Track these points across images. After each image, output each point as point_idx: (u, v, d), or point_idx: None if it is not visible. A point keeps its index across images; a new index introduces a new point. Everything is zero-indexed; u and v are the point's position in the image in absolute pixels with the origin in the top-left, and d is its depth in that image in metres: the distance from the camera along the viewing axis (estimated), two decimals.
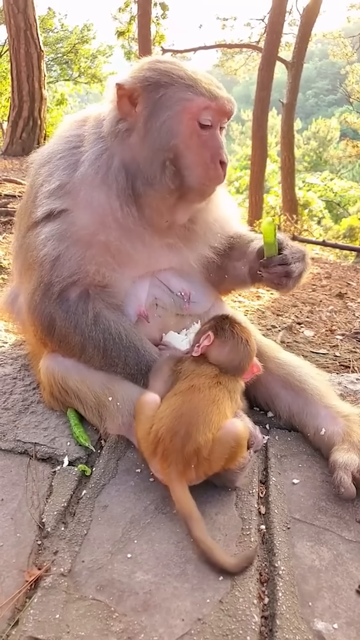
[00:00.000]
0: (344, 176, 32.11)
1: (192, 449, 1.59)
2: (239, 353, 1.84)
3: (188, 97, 1.75)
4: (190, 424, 1.62)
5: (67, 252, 1.86)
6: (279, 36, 16.89)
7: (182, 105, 1.76)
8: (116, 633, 1.30)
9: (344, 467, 1.73)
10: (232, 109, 1.85)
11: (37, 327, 2.01)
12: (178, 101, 1.76)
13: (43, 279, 1.91)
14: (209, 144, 1.81)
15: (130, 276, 2.00)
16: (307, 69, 36.81)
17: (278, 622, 1.34)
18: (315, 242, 10.51)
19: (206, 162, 1.81)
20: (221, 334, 1.86)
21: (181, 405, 1.68)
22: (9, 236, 5.09)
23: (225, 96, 1.82)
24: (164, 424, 1.64)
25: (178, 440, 1.60)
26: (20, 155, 11.95)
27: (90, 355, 1.95)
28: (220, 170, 1.83)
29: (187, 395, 1.71)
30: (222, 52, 23.87)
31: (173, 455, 1.60)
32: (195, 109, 1.76)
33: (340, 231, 23.21)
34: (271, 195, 23.05)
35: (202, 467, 1.62)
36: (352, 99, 25.41)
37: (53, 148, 1.97)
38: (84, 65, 23.52)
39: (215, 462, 1.63)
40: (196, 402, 1.68)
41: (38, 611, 1.35)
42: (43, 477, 1.82)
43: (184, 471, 1.60)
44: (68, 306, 1.92)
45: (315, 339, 3.39)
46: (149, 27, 18.19)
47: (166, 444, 1.61)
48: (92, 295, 1.93)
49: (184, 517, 1.53)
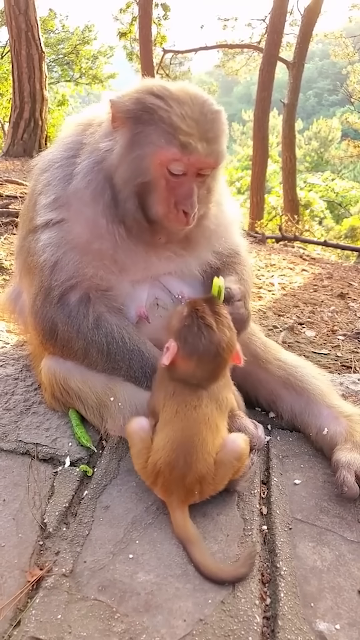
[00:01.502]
0: (345, 176, 32.12)
1: (194, 479, 1.56)
2: (210, 364, 1.64)
3: (160, 144, 1.67)
4: (188, 453, 1.56)
5: (65, 257, 1.89)
6: (280, 36, 16.90)
7: (153, 150, 1.69)
8: (118, 633, 1.29)
9: (347, 467, 1.73)
10: (211, 163, 1.75)
11: (39, 333, 2.02)
12: (150, 144, 1.69)
13: (43, 284, 1.93)
14: (176, 191, 1.75)
15: (130, 280, 2.00)
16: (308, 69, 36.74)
17: (280, 623, 1.33)
18: (316, 243, 10.49)
19: (169, 206, 1.77)
20: (184, 345, 1.63)
21: (174, 436, 1.59)
22: (10, 237, 5.09)
23: (204, 151, 1.69)
24: (161, 456, 1.59)
25: (178, 472, 1.56)
26: (21, 156, 11.97)
27: (93, 359, 1.95)
28: (182, 217, 1.77)
29: (176, 424, 1.62)
30: (223, 53, 23.85)
31: (174, 486, 1.57)
32: (164, 159, 1.69)
33: (342, 231, 23.19)
34: (272, 196, 23.03)
35: (206, 491, 1.61)
36: (354, 99, 25.37)
37: (53, 155, 1.99)
38: (85, 66, 23.57)
39: (220, 483, 1.62)
40: (187, 430, 1.59)
41: (40, 611, 1.34)
42: (45, 477, 1.82)
43: (186, 499, 1.58)
44: (69, 310, 1.92)
45: (316, 340, 3.39)
46: (150, 28, 18.24)
47: (166, 476, 1.58)
48: (92, 299, 1.94)
49: (183, 541, 1.52)
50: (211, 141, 1.72)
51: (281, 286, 4.86)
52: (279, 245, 8.89)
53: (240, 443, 1.63)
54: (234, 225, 2.25)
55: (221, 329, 1.63)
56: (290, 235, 10.12)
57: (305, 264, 6.20)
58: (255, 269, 5.40)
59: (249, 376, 2.09)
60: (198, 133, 1.68)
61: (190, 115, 1.68)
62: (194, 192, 1.75)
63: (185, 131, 1.66)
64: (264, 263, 5.83)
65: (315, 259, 6.86)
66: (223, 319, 1.66)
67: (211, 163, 1.75)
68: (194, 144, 1.67)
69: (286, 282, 5.05)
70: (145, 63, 18.09)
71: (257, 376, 2.10)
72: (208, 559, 1.47)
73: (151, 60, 18.46)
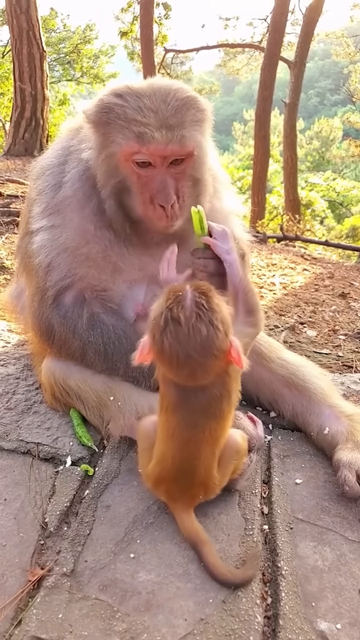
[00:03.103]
0: (346, 176, 32.02)
1: (198, 487, 1.54)
2: (183, 367, 1.35)
3: (118, 140, 1.68)
4: (190, 470, 1.51)
5: (57, 258, 1.91)
6: (282, 36, 16.86)
7: (115, 149, 1.70)
8: (119, 633, 1.29)
9: (348, 466, 1.73)
10: (175, 150, 1.68)
11: (38, 334, 2.04)
12: (112, 143, 1.70)
13: (39, 285, 1.96)
14: (149, 185, 1.73)
15: (125, 280, 2.00)
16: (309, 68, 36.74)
17: (281, 623, 1.33)
18: (318, 242, 10.49)
19: (145, 203, 1.75)
20: (153, 341, 1.37)
21: (173, 454, 1.50)
22: (11, 236, 5.09)
23: (163, 139, 1.64)
24: (164, 467, 1.53)
25: (181, 484, 1.53)
26: (22, 156, 11.98)
27: (91, 360, 1.95)
28: (161, 213, 1.72)
29: (175, 438, 1.49)
30: (224, 52, 23.82)
31: (178, 494, 1.56)
32: (125, 153, 1.68)
33: (343, 231, 23.15)
34: (274, 195, 23.00)
35: (210, 494, 1.59)
36: (355, 99, 25.32)
37: (46, 162, 2.02)
38: (86, 66, 23.55)
39: (222, 481, 1.61)
40: (185, 447, 1.49)
41: (41, 611, 1.35)
42: (46, 477, 1.82)
43: (191, 504, 1.57)
44: (65, 311, 1.94)
45: (318, 339, 3.39)
46: (152, 27, 18.21)
47: (169, 486, 1.55)
48: (87, 300, 1.95)
49: (194, 543, 1.51)
50: (173, 127, 1.66)
51: (282, 286, 4.86)
52: (280, 245, 8.90)
53: (237, 438, 1.61)
54: (232, 218, 2.16)
55: (196, 325, 1.30)
56: (291, 235, 10.12)
57: (307, 264, 6.19)
58: (256, 268, 5.40)
59: (250, 375, 2.08)
60: (156, 122, 1.65)
61: (147, 106, 1.66)
62: (167, 183, 1.71)
63: (140, 121, 1.64)
64: (265, 263, 5.83)
65: (316, 259, 6.86)
66: (204, 312, 1.31)
67: (176, 150, 1.68)
68: (149, 132, 1.64)
69: (287, 282, 5.04)
70: (147, 62, 18.08)
71: (260, 375, 2.10)
72: (219, 562, 1.46)
73: (152, 59, 18.44)
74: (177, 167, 1.73)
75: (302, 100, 25.57)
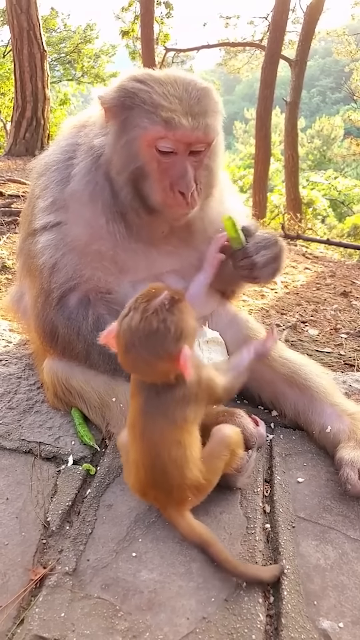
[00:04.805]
0: (348, 174, 31.96)
1: (182, 491, 1.48)
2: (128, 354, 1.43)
3: (144, 124, 1.67)
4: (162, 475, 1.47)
5: (63, 259, 1.89)
6: (283, 34, 16.81)
7: (138, 133, 1.69)
8: (121, 632, 1.30)
9: (350, 464, 1.73)
10: (200, 137, 1.70)
11: (41, 335, 2.03)
12: (135, 127, 1.69)
13: (43, 286, 1.94)
14: (169, 172, 1.72)
15: (131, 280, 1.99)
16: (310, 67, 36.74)
17: (283, 621, 1.33)
18: (319, 241, 10.46)
19: (165, 190, 1.75)
20: (118, 324, 1.43)
21: (141, 459, 1.49)
22: (13, 236, 5.10)
23: (189, 125, 1.66)
24: (139, 473, 1.51)
25: (161, 490, 1.49)
26: (23, 156, 11.96)
27: (95, 361, 1.94)
28: (181, 200, 1.74)
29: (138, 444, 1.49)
30: (225, 51, 23.79)
31: (164, 500, 1.52)
32: (150, 138, 1.67)
33: (345, 230, 23.12)
34: (275, 194, 22.99)
35: (202, 492, 1.55)
36: (356, 97, 25.33)
37: (50, 158, 2.00)
38: (87, 65, 23.53)
39: (214, 477, 1.56)
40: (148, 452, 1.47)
41: (43, 610, 1.35)
42: (48, 476, 1.83)
43: (183, 507, 1.52)
44: (69, 312, 1.92)
45: (319, 338, 3.38)
46: (152, 27, 18.18)
47: (153, 491, 1.52)
48: (92, 301, 1.94)
49: (199, 545, 1.48)
50: (198, 115, 1.68)
51: (284, 284, 4.85)
52: None
53: (225, 431, 1.59)
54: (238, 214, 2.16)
55: (149, 318, 1.36)
56: (292, 234, 10.10)
57: (308, 262, 6.18)
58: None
59: (252, 373, 2.07)
60: (182, 108, 1.67)
61: (172, 93, 1.68)
62: (188, 170, 1.72)
63: (167, 107, 1.65)
64: None
65: (318, 257, 6.84)
66: (163, 311, 1.37)
67: (201, 137, 1.71)
68: (177, 118, 1.65)
69: (289, 281, 5.03)
70: (148, 62, 18.03)
71: (262, 373, 2.09)
72: (231, 557, 1.45)
73: (153, 58, 18.40)
74: (196, 155, 1.75)
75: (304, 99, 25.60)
